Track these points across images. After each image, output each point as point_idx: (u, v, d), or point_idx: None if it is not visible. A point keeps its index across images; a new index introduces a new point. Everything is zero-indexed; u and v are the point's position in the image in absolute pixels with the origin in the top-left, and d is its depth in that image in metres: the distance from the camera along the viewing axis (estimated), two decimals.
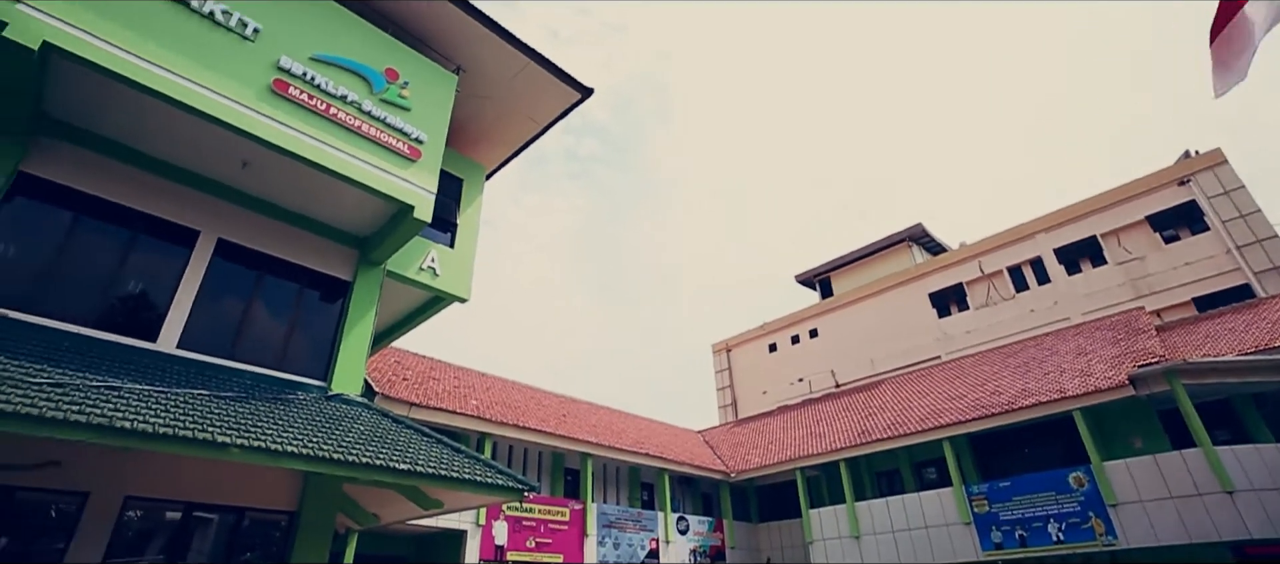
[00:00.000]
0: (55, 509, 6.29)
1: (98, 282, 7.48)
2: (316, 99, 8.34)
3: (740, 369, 38.46)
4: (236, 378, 7.70)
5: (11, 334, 6.22)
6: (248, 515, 7.38)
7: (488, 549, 16.23)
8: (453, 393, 17.85)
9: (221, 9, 7.74)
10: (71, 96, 7.20)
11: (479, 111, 12.02)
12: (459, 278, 11.35)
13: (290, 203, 9.09)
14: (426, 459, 7.28)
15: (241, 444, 5.68)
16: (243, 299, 8.55)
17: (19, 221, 7.14)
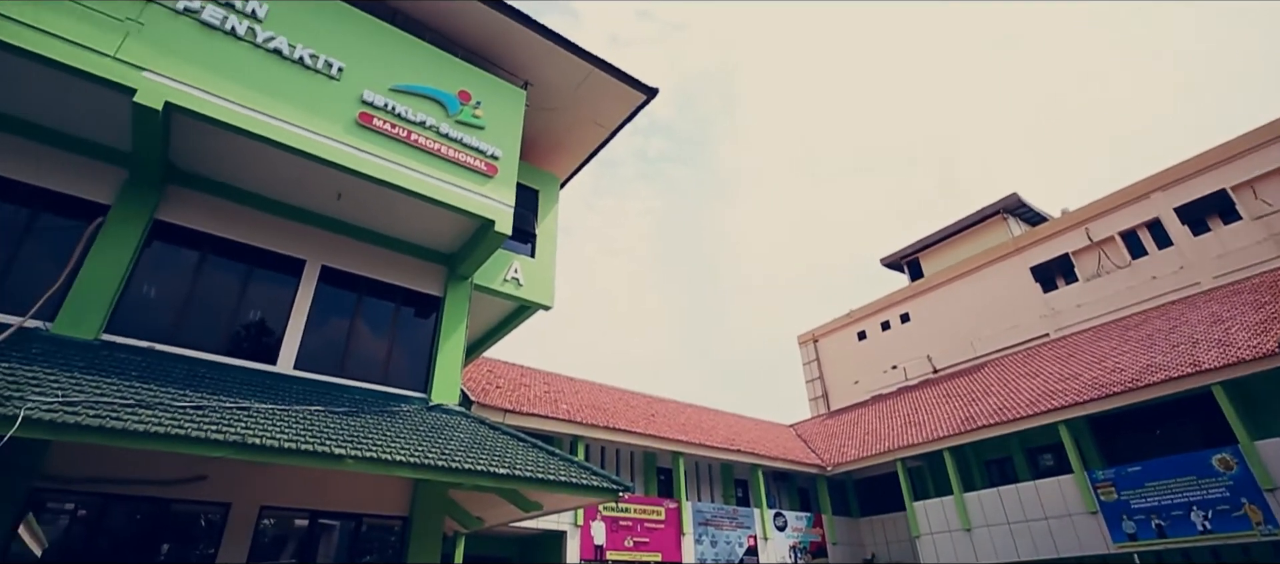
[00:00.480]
0: (204, 519, 7.02)
1: (224, 312, 8.26)
2: (398, 127, 8.82)
3: (829, 359, 37.28)
4: (346, 394, 8.25)
5: (159, 364, 6.97)
6: (365, 521, 7.91)
7: (587, 549, 16.58)
8: (543, 398, 18.39)
9: (309, 53, 8.34)
10: (191, 148, 7.98)
11: (549, 123, 12.31)
12: (542, 286, 11.65)
13: (382, 226, 9.66)
14: (523, 463, 7.51)
15: (355, 455, 6.08)
16: (346, 320, 9.17)
17: (158, 264, 8.00)
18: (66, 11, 6.75)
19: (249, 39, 7.92)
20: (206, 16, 7.67)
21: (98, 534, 6.45)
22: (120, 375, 6.19)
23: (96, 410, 5.17)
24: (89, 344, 6.85)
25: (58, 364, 5.98)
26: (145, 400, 5.68)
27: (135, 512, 6.69)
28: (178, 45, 7.34)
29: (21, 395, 4.93)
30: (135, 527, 6.66)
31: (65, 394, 5.27)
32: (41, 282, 7.00)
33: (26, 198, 7.37)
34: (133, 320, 7.49)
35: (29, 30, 6.45)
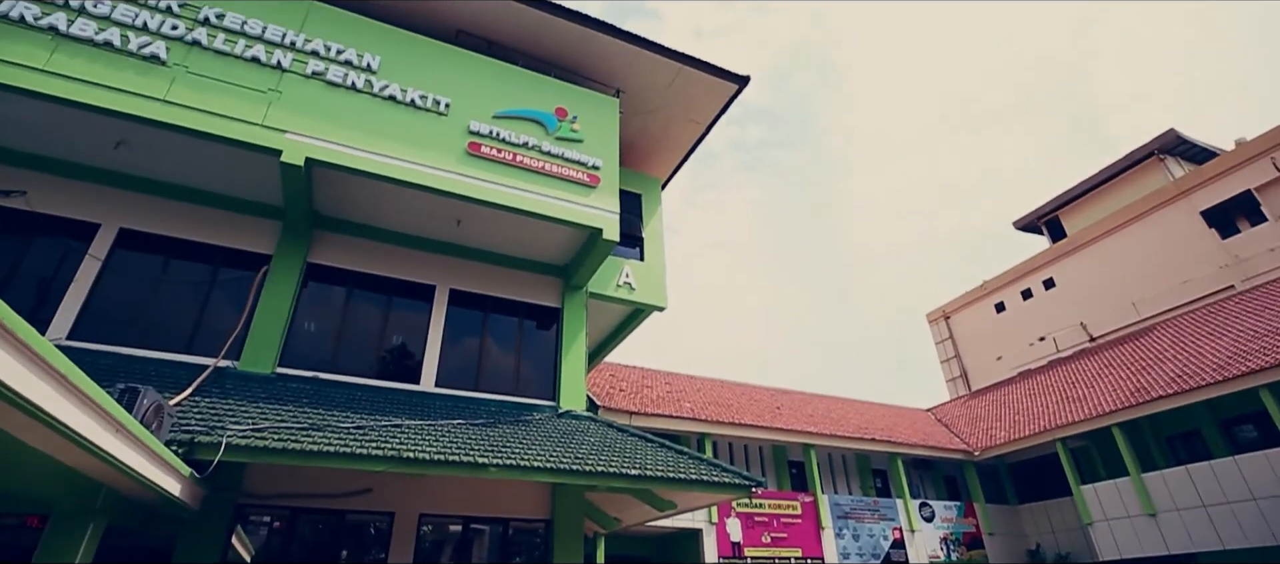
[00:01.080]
0: (373, 527, 7.75)
1: (371, 340, 9.11)
2: (504, 151, 9.29)
3: (965, 336, 34.53)
4: (483, 406, 8.78)
5: (324, 391, 7.80)
6: (512, 525, 8.36)
7: (724, 546, 16.46)
8: (666, 398, 18.54)
9: (418, 94, 9.01)
10: (330, 195, 8.89)
11: (645, 126, 12.45)
12: (654, 288, 11.77)
13: (499, 246, 10.21)
14: (653, 463, 7.59)
15: (497, 464, 6.44)
16: (476, 337, 9.77)
17: (314, 302, 8.98)
18: (223, 91, 7.77)
19: (367, 90, 8.70)
20: (331, 76, 8.52)
21: (290, 542, 7.32)
22: (294, 403, 6.98)
23: (279, 435, 5.86)
24: (267, 377, 7.81)
25: (246, 396, 6.86)
26: (316, 424, 6.36)
27: (318, 522, 7.53)
28: (310, 106, 8.22)
29: (222, 425, 5.71)
30: (319, 536, 7.49)
31: (254, 422, 6.03)
32: (226, 326, 8.11)
33: (208, 255, 8.57)
34: (299, 354, 8.46)
35: (197, 113, 7.50)
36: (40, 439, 3.44)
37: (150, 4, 7.83)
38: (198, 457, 5.31)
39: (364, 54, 8.90)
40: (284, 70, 8.29)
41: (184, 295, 8.29)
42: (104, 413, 3.51)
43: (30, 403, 2.75)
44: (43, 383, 2.84)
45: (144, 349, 7.65)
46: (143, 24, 7.66)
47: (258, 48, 8.22)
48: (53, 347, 2.81)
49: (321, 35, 8.76)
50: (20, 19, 7.09)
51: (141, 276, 8.13)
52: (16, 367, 2.61)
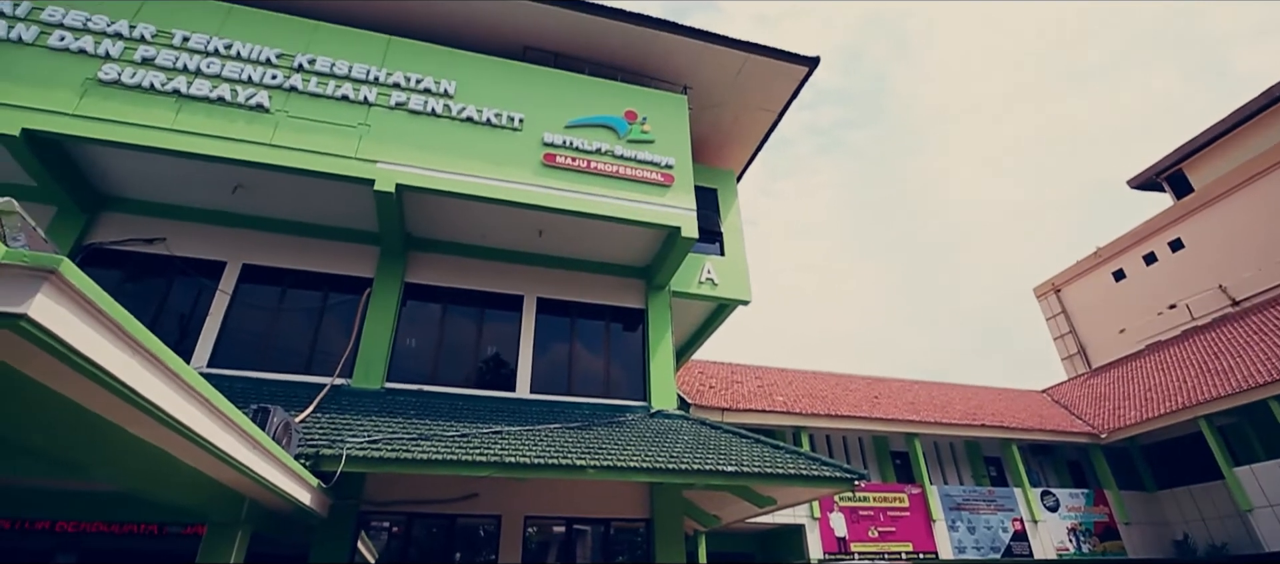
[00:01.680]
0: (482, 530, 8.10)
1: (467, 351, 9.53)
2: (578, 159, 9.47)
3: (1079, 309, 31.73)
4: (577, 410, 8.96)
5: (428, 402, 8.23)
6: (612, 525, 8.48)
7: (829, 541, 15.96)
8: (757, 393, 18.23)
9: (494, 113, 9.35)
10: (420, 217, 9.39)
11: (715, 119, 12.33)
12: (737, 282, 11.61)
13: (580, 253, 10.40)
14: (750, 459, 7.47)
15: (595, 465, 6.56)
16: (565, 343, 10.00)
17: (413, 319, 9.50)
18: (319, 130, 8.39)
19: (447, 114, 9.13)
20: (412, 105, 9.01)
21: (408, 546, 7.78)
22: (403, 415, 7.40)
23: (392, 446, 6.24)
24: (377, 392, 8.34)
25: (360, 411, 7.35)
26: (424, 434, 6.72)
27: (432, 526, 7.95)
28: (397, 135, 8.72)
29: (342, 439, 6.14)
30: (433, 539, 7.91)
31: (369, 435, 6.44)
32: (338, 347, 8.74)
33: (318, 282, 9.29)
34: (404, 368, 8.99)
35: (299, 152, 8.13)
36: (194, 458, 3.84)
37: (253, 58, 8.59)
38: (323, 468, 5.74)
39: (441, 80, 9.35)
40: (371, 104, 8.85)
41: (300, 321, 9.02)
42: (243, 432, 3.86)
43: (185, 427, 3.09)
44: (194, 408, 3.17)
45: (269, 372, 8.39)
46: (247, 77, 8.41)
47: (346, 86, 8.83)
48: (198, 375, 3.12)
49: (402, 67, 9.28)
50: (151, 87, 7.97)
51: (263, 306, 8.92)
52: (173, 395, 2.92)
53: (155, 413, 2.83)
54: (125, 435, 3.32)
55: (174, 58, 8.24)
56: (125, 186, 8.67)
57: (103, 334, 2.34)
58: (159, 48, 8.29)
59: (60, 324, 2.09)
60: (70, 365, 2.26)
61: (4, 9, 7.93)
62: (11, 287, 1.97)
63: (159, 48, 8.29)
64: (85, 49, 7.98)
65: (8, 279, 1.97)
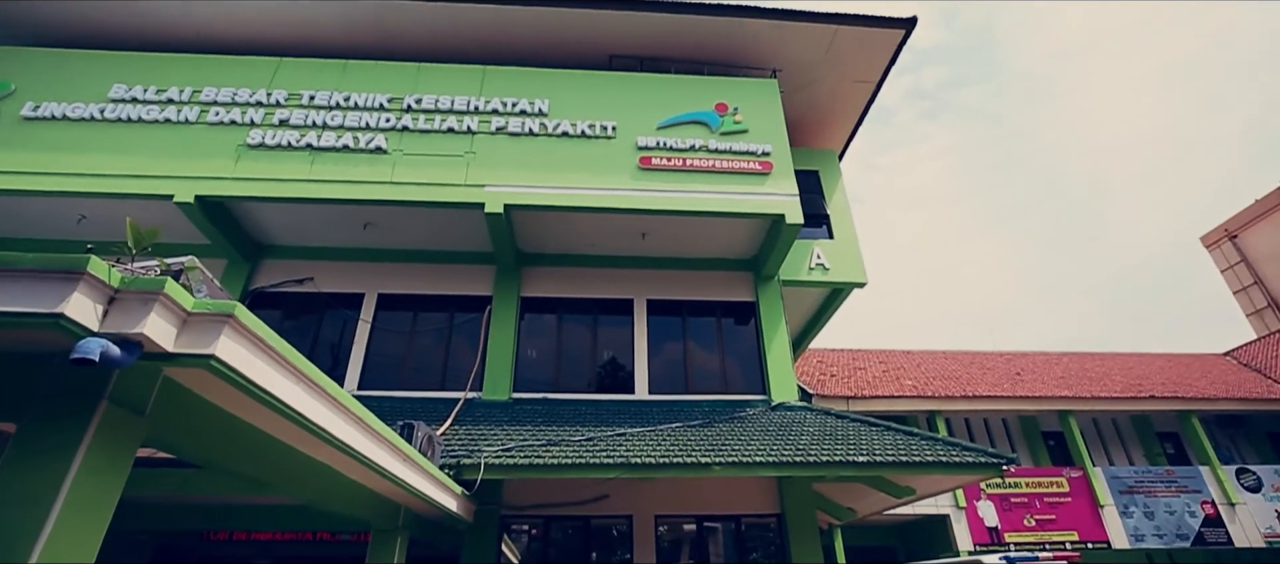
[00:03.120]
0: (615, 530, 8.29)
1: (585, 357, 9.80)
2: (673, 158, 9.47)
3: (1265, 256, 27.27)
4: (697, 408, 8.95)
5: (554, 409, 8.56)
6: (743, 521, 8.37)
7: (979, 532, 14.80)
8: (883, 378, 17.32)
9: (587, 125, 9.58)
10: (529, 233, 9.81)
11: (809, 99, 11.88)
12: (850, 265, 11.11)
13: (685, 251, 10.39)
14: (882, 448, 7.11)
15: (720, 462, 6.51)
16: (678, 342, 10.02)
17: (532, 331, 9.92)
18: (431, 163, 9.02)
19: (543, 132, 9.48)
20: (512, 128, 9.44)
21: (547, 547, 8.13)
22: (531, 423, 7.75)
23: (524, 453, 6.55)
24: (505, 403, 8.80)
25: (492, 421, 7.79)
26: (552, 440, 7.00)
27: (568, 527, 8.26)
28: (500, 158, 9.18)
29: (479, 449, 6.54)
30: (569, 540, 8.21)
31: (502, 443, 6.80)
32: (467, 362, 9.33)
33: (444, 304, 9.96)
34: (528, 378, 9.42)
35: (415, 186, 8.77)
36: (357, 472, 4.24)
37: (368, 105, 9.40)
38: (464, 476, 6.13)
39: (535, 100, 9.73)
40: (474, 133, 9.37)
41: (431, 341, 9.72)
42: (395, 448, 4.20)
43: (347, 446, 3.43)
44: (353, 429, 3.50)
45: (408, 390, 9.10)
46: (365, 124, 9.21)
47: (451, 118, 9.41)
48: (354, 399, 3.43)
49: (498, 93, 9.76)
50: (288, 145, 8.94)
51: (398, 330, 9.70)
52: (336, 419, 3.25)
53: (322, 435, 3.15)
54: (300, 456, 3.72)
55: (304, 116, 9.19)
56: (277, 235, 9.77)
57: (274, 367, 2.62)
58: (291, 108, 9.28)
59: (240, 361, 2.37)
60: (252, 396, 2.56)
61: (172, 96, 9.21)
62: (201, 332, 2.25)
63: (291, 108, 9.28)
64: (235, 119, 9.10)
65: (198, 326, 2.26)
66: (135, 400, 2.42)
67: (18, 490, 2.07)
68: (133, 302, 2.09)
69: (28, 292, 1.94)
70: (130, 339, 2.06)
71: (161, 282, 2.11)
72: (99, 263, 2.01)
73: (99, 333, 2.02)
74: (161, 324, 2.14)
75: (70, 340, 1.96)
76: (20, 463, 2.12)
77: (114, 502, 2.32)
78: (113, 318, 2.07)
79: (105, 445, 2.26)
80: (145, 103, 9.16)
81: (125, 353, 2.03)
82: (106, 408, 2.26)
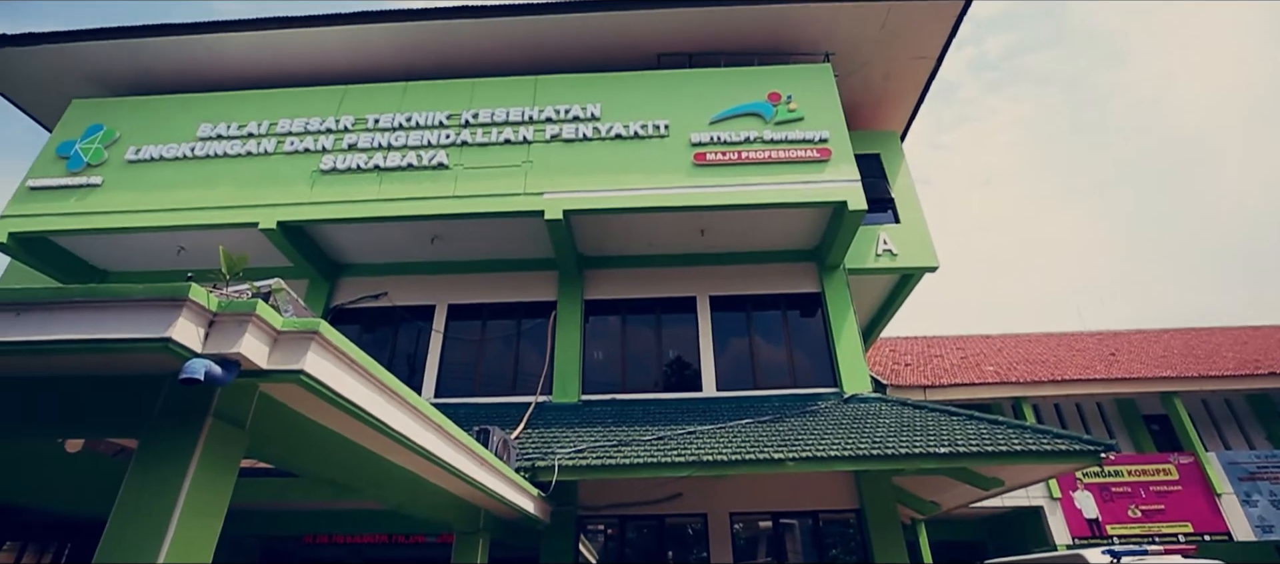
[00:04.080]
0: (690, 528, 8.27)
1: (651, 357, 9.83)
2: (728, 152, 9.37)
3: None
4: (766, 403, 8.81)
5: (623, 410, 8.62)
6: (820, 517, 8.17)
7: (1077, 524, 13.89)
8: (962, 365, 16.54)
9: (639, 125, 9.60)
10: (588, 237, 9.92)
11: (865, 81, 11.50)
12: (919, 249, 10.68)
13: (745, 245, 10.25)
14: (965, 438, 6.79)
15: (794, 457, 6.38)
16: (744, 337, 9.90)
17: (596, 333, 10.04)
18: (490, 175, 9.27)
19: (597, 136, 9.57)
20: (566, 134, 9.58)
21: (623, 546, 8.20)
22: (601, 424, 7.83)
23: (596, 453, 6.62)
24: (575, 405, 8.94)
25: (564, 424, 7.92)
26: (623, 440, 7.05)
27: (643, 526, 8.30)
28: (556, 165, 9.33)
29: (552, 451, 6.67)
30: (644, 539, 8.25)
31: (574, 445, 6.90)
32: (536, 367, 9.53)
33: (511, 311, 10.21)
34: (596, 380, 9.54)
35: (477, 198, 9.04)
36: (438, 477, 4.40)
37: (429, 124, 9.76)
38: (539, 478, 6.27)
39: (587, 105, 9.84)
40: (530, 142, 9.56)
41: (500, 348, 9.98)
42: (472, 453, 4.33)
43: (428, 452, 3.58)
44: (433, 435, 3.65)
45: (481, 396, 9.39)
46: (427, 142, 9.57)
47: (507, 130, 9.65)
48: (432, 407, 3.56)
49: (551, 101, 9.92)
50: (357, 168, 9.40)
51: (469, 339, 10.02)
52: (417, 427, 3.40)
53: (404, 442, 3.28)
54: (385, 462, 3.90)
55: (370, 139, 9.64)
56: (352, 253, 10.29)
57: (357, 379, 2.75)
58: (358, 133, 9.75)
59: (326, 374, 2.50)
60: (338, 407, 2.70)
61: (251, 129, 9.86)
62: (290, 349, 2.39)
63: (358, 133, 9.75)
64: (308, 147, 9.65)
65: (287, 343, 2.40)
66: (237, 415, 2.59)
67: (144, 499, 2.26)
68: (230, 324, 2.24)
69: (139, 319, 2.10)
70: (229, 358, 2.20)
71: (253, 304, 2.25)
72: (199, 289, 2.16)
73: (202, 354, 2.17)
74: (256, 343, 2.28)
75: (177, 362, 2.12)
76: (144, 474, 2.31)
77: (224, 508, 2.49)
78: (213, 339, 2.22)
79: (213, 457, 2.42)
80: (228, 139, 9.85)
81: (226, 371, 2.17)
82: (212, 423, 2.43)
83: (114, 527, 2.21)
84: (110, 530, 2.20)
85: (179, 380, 2.06)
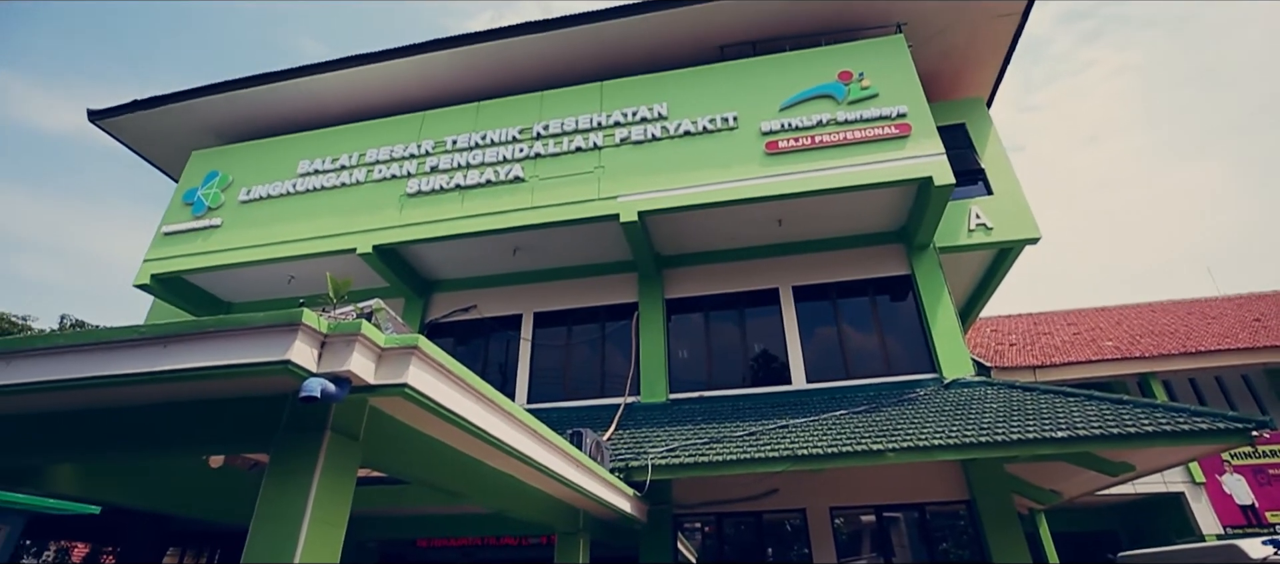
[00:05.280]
0: (788, 525, 8.09)
1: (736, 352, 9.70)
2: (800, 138, 9.09)
3: None
4: (860, 392, 8.48)
5: (711, 407, 8.57)
6: (927, 510, 7.76)
7: (1228, 511, 12.47)
8: (1076, 342, 15.27)
9: (707, 120, 9.50)
10: (665, 237, 9.91)
11: (943, 48, 10.85)
12: (1017, 220, 9.97)
13: (826, 231, 9.91)
14: (1085, 420, 6.26)
15: (894, 448, 6.10)
16: (831, 326, 9.57)
17: (680, 332, 10.02)
18: (565, 183, 9.46)
19: (665, 135, 9.56)
20: (634, 136, 9.63)
21: (722, 544, 8.12)
22: (691, 423, 7.81)
23: (688, 452, 6.61)
24: (664, 405, 8.96)
25: (654, 423, 7.97)
26: (714, 437, 6.99)
27: (740, 524, 8.20)
28: (627, 167, 9.40)
29: (644, 451, 6.71)
30: (743, 536, 8.14)
31: (666, 444, 6.92)
32: (621, 369, 9.64)
33: (594, 315, 10.38)
34: (682, 379, 9.53)
35: (553, 207, 9.25)
36: (536, 480, 4.54)
37: (503, 140, 10.10)
38: (634, 478, 6.32)
39: (653, 105, 9.84)
40: (600, 148, 9.68)
41: (586, 352, 10.17)
42: (568, 456, 4.43)
43: (527, 456, 3.71)
44: (530, 441, 3.77)
45: (571, 400, 9.59)
46: (502, 157, 9.90)
47: (577, 138, 9.81)
48: (526, 412, 3.67)
49: (617, 105, 10.01)
50: (440, 189, 9.86)
51: (555, 345, 10.27)
52: (514, 433, 3.53)
53: (502, 447, 3.40)
54: (486, 468, 4.05)
55: (450, 159, 10.08)
56: (442, 270, 10.80)
57: (455, 390, 2.87)
58: (438, 155, 10.22)
59: (428, 386, 2.62)
60: (440, 417, 2.83)
61: (344, 162, 10.57)
62: (394, 364, 2.53)
63: (438, 155, 10.22)
64: (395, 173, 10.22)
65: (391, 359, 2.54)
66: (351, 428, 2.77)
67: (278, 508, 2.46)
68: (339, 344, 2.39)
69: (262, 344, 2.29)
70: (341, 376, 2.35)
71: (358, 324, 2.39)
72: (310, 314, 2.32)
73: (317, 373, 2.33)
74: (363, 360, 2.42)
75: (296, 381, 2.29)
76: (276, 486, 2.52)
77: (346, 514, 2.67)
78: (326, 359, 2.38)
79: (333, 467, 2.60)
80: (324, 172, 10.60)
81: (339, 388, 2.33)
82: (330, 436, 2.61)
83: (255, 533, 2.42)
84: (252, 537, 2.41)
85: (299, 399, 2.22)
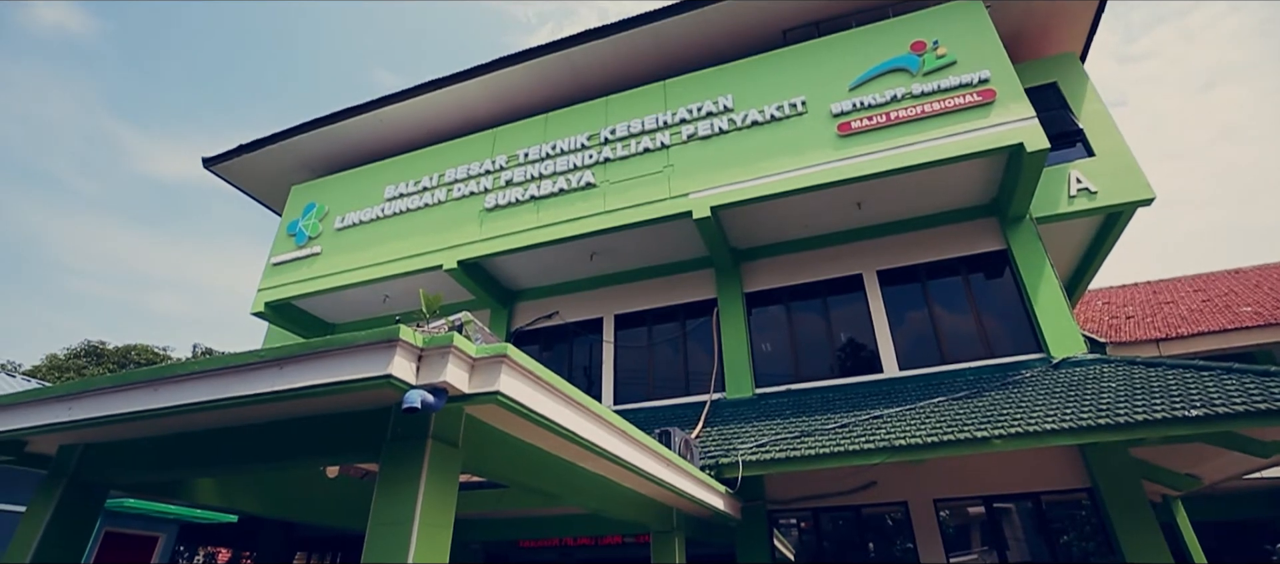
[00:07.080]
0: (889, 518, 7.74)
1: (821, 342, 9.41)
2: (874, 116, 8.71)
3: None
4: (959, 378, 8.01)
5: (800, 400, 8.36)
6: (1042, 499, 7.21)
7: None
8: (1205, 310, 13.77)
9: (774, 108, 9.28)
10: (740, 230, 9.76)
11: (1026, 5, 10.09)
12: (1126, 180, 9.12)
13: (910, 211, 9.44)
14: (1223, 396, 5.61)
15: (1001, 434, 5.72)
16: (922, 309, 9.10)
17: (762, 325, 9.85)
18: (635, 185, 9.50)
19: (732, 128, 9.42)
20: (702, 131, 9.54)
21: (820, 539, 7.86)
22: (780, 417, 7.65)
23: (778, 446, 6.47)
24: (751, 400, 8.82)
25: (741, 419, 7.86)
26: (805, 430, 6.82)
27: (838, 519, 7.93)
28: (696, 163, 9.32)
29: (733, 447, 6.64)
30: (841, 531, 7.86)
31: (756, 440, 6.81)
32: (705, 366, 9.59)
33: (674, 314, 10.38)
34: (768, 373, 9.36)
35: (626, 210, 9.32)
36: (628, 480, 4.59)
37: (572, 148, 10.27)
38: (725, 476, 6.26)
39: (718, 98, 9.73)
40: (667, 147, 9.66)
41: (669, 351, 10.18)
42: (658, 455, 4.45)
43: (618, 457, 3.76)
44: (619, 441, 3.83)
45: (656, 400, 9.62)
46: (573, 165, 10.07)
47: (644, 139, 9.83)
48: (613, 413, 3.72)
49: (682, 102, 9.96)
50: (515, 201, 10.15)
51: (638, 346, 10.34)
52: (604, 434, 3.60)
53: (593, 448, 3.46)
54: (579, 469, 4.13)
55: (523, 172, 10.37)
56: (523, 279, 11.13)
57: (544, 394, 2.95)
58: (512, 169, 10.54)
59: (518, 392, 2.70)
60: (532, 421, 2.91)
61: (425, 183, 11.10)
62: (486, 373, 2.62)
63: (512, 169, 10.54)
64: (473, 190, 10.63)
65: (483, 368, 2.64)
66: (450, 435, 2.90)
67: (390, 513, 2.61)
68: (435, 356, 2.51)
69: (365, 361, 2.44)
70: (438, 387, 2.46)
71: (450, 337, 2.50)
72: (407, 330, 2.45)
73: (416, 385, 2.46)
74: (458, 371, 2.53)
75: (398, 394, 2.42)
76: (387, 492, 2.67)
77: (452, 518, 2.80)
78: (423, 372, 2.50)
79: (437, 473, 2.73)
80: (408, 195, 11.19)
81: (437, 398, 2.44)
82: (432, 444, 2.74)
83: (372, 537, 2.58)
84: (369, 540, 2.58)
85: (402, 411, 2.35)
